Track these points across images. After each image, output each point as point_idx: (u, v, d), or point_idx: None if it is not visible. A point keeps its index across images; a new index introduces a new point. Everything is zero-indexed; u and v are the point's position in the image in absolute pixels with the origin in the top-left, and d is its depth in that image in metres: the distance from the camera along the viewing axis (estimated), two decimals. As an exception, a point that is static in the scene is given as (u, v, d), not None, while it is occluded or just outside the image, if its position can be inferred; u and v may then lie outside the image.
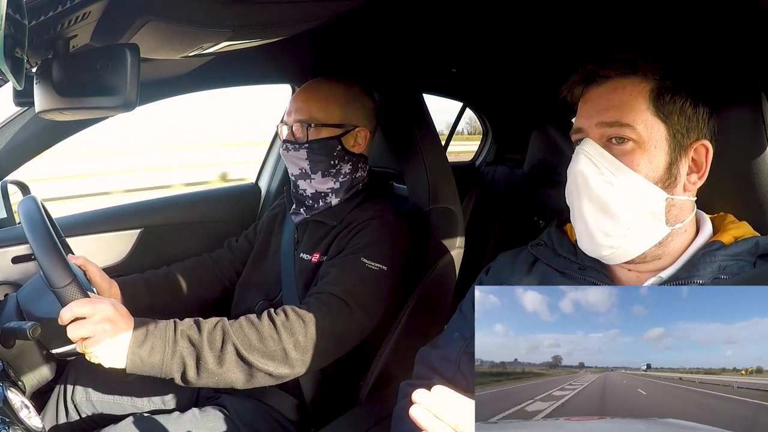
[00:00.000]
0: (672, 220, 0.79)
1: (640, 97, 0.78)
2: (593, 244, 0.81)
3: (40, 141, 1.25)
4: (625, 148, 0.78)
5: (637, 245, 0.79)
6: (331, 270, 1.17)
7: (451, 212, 1.44)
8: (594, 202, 0.79)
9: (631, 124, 0.77)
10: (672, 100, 0.78)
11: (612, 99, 0.79)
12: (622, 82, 0.80)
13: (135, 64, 0.69)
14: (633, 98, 0.78)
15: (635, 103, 0.78)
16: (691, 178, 0.80)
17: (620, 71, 0.80)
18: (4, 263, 1.38)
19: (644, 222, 0.78)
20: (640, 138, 0.77)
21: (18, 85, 0.57)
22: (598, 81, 0.82)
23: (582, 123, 0.82)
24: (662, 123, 0.77)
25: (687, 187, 0.80)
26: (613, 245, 0.79)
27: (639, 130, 0.77)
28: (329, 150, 1.27)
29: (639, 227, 0.78)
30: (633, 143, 0.77)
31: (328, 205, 1.31)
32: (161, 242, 1.67)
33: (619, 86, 0.79)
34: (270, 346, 1.02)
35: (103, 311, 0.92)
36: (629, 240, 0.78)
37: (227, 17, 0.83)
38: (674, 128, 0.78)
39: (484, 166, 3.15)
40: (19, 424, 0.84)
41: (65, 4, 0.61)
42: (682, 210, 0.80)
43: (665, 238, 0.79)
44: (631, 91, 0.78)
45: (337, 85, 1.32)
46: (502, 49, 1.74)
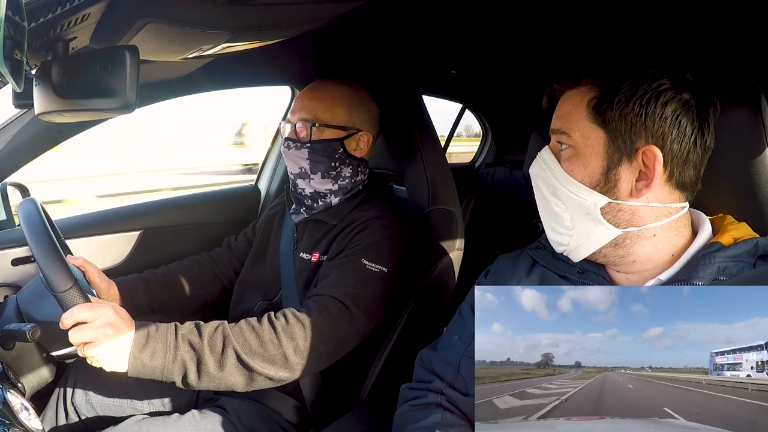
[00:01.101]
0: (623, 224, 0.80)
1: (580, 105, 0.82)
2: (551, 240, 0.88)
3: (39, 143, 1.25)
4: (566, 153, 0.83)
5: (586, 243, 0.83)
6: (331, 271, 1.16)
7: (450, 214, 1.44)
8: (543, 201, 0.87)
9: (567, 131, 0.82)
10: (610, 107, 0.79)
11: (560, 109, 0.86)
12: (570, 93, 0.85)
13: (134, 65, 0.69)
14: (574, 107, 0.83)
15: (575, 112, 0.82)
16: (638, 184, 0.78)
17: (568, 84, 0.85)
18: (4, 265, 1.38)
19: (585, 222, 0.82)
20: (575, 144, 0.82)
21: (17, 87, 0.57)
22: (557, 94, 0.88)
23: (550, 132, 0.89)
24: (601, 129, 0.80)
25: (633, 193, 0.79)
26: (563, 242, 0.85)
27: (574, 137, 0.82)
28: (331, 152, 1.26)
29: (581, 227, 0.82)
30: (571, 149, 0.82)
31: (328, 204, 1.31)
32: (161, 244, 1.67)
33: (567, 97, 0.85)
34: (270, 351, 1.02)
35: (105, 316, 0.92)
36: (576, 238, 0.83)
37: (227, 19, 0.83)
38: (613, 134, 0.79)
39: (483, 167, 3.15)
40: (19, 425, 0.84)
41: (65, 6, 0.61)
42: (636, 215, 0.79)
43: (620, 240, 0.80)
44: (574, 101, 0.83)
45: (344, 87, 1.32)
46: (502, 50, 1.74)
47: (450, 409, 0.89)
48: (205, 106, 37.46)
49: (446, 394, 0.91)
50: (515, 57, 1.82)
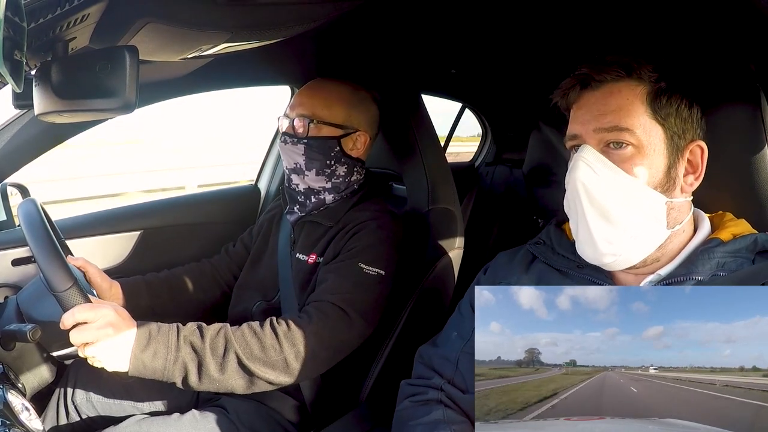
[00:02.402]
0: (672, 223, 0.79)
1: (637, 100, 0.77)
2: (595, 252, 0.80)
3: (39, 143, 1.25)
4: (624, 153, 0.77)
5: (639, 251, 0.78)
6: (329, 276, 1.17)
7: (450, 213, 1.44)
8: (596, 210, 0.78)
9: (629, 128, 0.76)
10: (669, 102, 0.77)
11: (609, 103, 0.78)
12: (617, 86, 0.78)
13: (134, 66, 0.69)
14: (630, 102, 0.77)
15: (633, 107, 0.77)
16: (687, 179, 0.80)
17: (615, 75, 0.79)
18: (4, 266, 1.38)
19: (646, 227, 0.77)
20: (639, 142, 0.76)
21: (17, 87, 0.57)
22: (592, 85, 0.81)
23: (578, 129, 0.81)
24: (660, 126, 0.77)
25: (684, 188, 0.80)
26: (616, 252, 0.78)
27: (638, 134, 0.76)
28: (327, 149, 1.26)
29: (641, 233, 0.77)
30: (632, 148, 0.76)
31: (322, 201, 1.31)
32: (161, 244, 1.67)
33: (615, 90, 0.78)
34: (272, 356, 1.02)
35: (106, 316, 0.92)
36: (633, 246, 0.78)
37: (226, 19, 0.83)
38: (671, 130, 0.77)
39: (483, 166, 3.15)
40: (20, 426, 0.84)
41: (64, 7, 0.61)
42: (680, 211, 0.80)
43: (666, 241, 0.79)
44: (627, 94, 0.77)
45: (343, 86, 1.32)
46: (502, 49, 1.74)
47: (450, 406, 0.89)
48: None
49: (446, 390, 0.91)
50: (515, 56, 1.82)
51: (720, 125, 0.83)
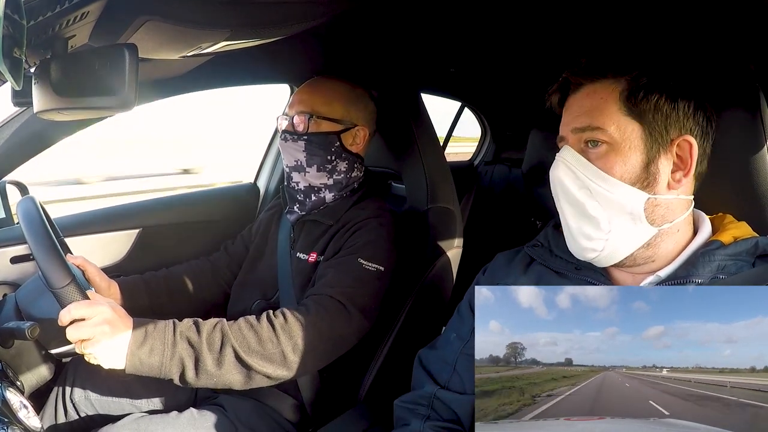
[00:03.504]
0: (658, 220, 0.79)
1: (610, 99, 0.79)
2: (578, 247, 0.83)
3: (38, 141, 1.25)
4: (599, 151, 0.79)
5: (621, 248, 0.79)
6: (328, 271, 1.17)
7: (449, 212, 1.44)
8: (573, 207, 0.81)
9: (601, 126, 0.78)
10: (645, 98, 0.78)
11: (584, 104, 0.81)
12: (593, 87, 0.81)
13: (133, 64, 0.69)
14: (603, 101, 0.79)
15: (606, 106, 0.79)
16: (675, 175, 0.79)
17: (590, 76, 0.82)
18: (3, 263, 1.38)
19: (624, 224, 0.78)
20: (612, 140, 0.78)
21: (16, 85, 0.57)
22: (572, 88, 0.84)
23: (562, 131, 0.84)
24: (636, 122, 0.78)
25: (671, 185, 0.79)
26: (596, 248, 0.80)
27: (610, 132, 0.78)
28: (327, 145, 1.27)
29: (620, 229, 0.78)
30: (606, 146, 0.78)
31: (321, 200, 1.31)
32: (160, 242, 1.67)
33: (590, 91, 0.81)
34: (269, 349, 1.02)
35: (102, 313, 0.92)
36: (612, 243, 0.79)
37: (226, 17, 0.83)
38: (650, 126, 0.78)
39: (482, 165, 3.15)
40: (18, 424, 0.84)
41: (63, 4, 0.61)
42: (669, 209, 0.79)
43: (653, 239, 0.79)
44: (601, 94, 0.80)
45: (341, 83, 1.33)
46: (501, 48, 1.74)
47: (438, 418, 0.90)
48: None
49: (439, 397, 0.91)
50: (514, 55, 1.82)
51: (719, 126, 0.83)
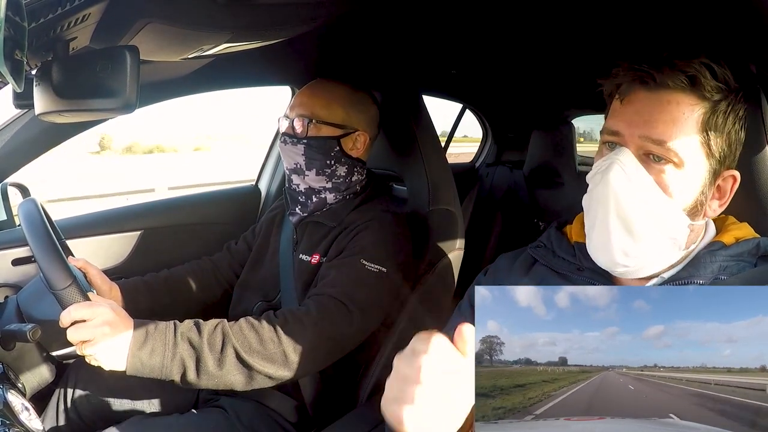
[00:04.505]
0: (688, 244, 0.77)
1: (692, 118, 0.71)
2: (609, 261, 0.77)
3: (39, 143, 1.25)
4: (663, 168, 0.71)
5: (650, 266, 0.77)
6: (331, 271, 1.17)
7: (450, 214, 1.44)
8: (621, 220, 0.74)
9: (677, 149, 0.70)
10: (720, 126, 0.72)
11: (664, 112, 0.71)
12: (677, 96, 0.71)
13: (135, 66, 0.69)
14: (686, 118, 0.70)
15: (686, 125, 0.70)
16: (712, 204, 0.77)
17: (679, 82, 0.70)
18: (4, 265, 1.38)
19: (663, 247, 0.75)
20: (681, 162, 0.71)
21: (18, 87, 0.57)
22: (650, 85, 0.72)
23: (621, 127, 0.75)
24: (704, 149, 0.72)
25: (707, 213, 0.77)
26: (629, 265, 0.76)
27: (682, 154, 0.70)
28: (327, 149, 1.27)
29: (658, 251, 0.75)
30: (673, 166, 0.71)
31: (323, 201, 1.31)
32: (161, 244, 1.67)
33: (673, 99, 0.71)
34: (270, 349, 1.02)
35: (103, 315, 0.93)
36: (645, 261, 0.76)
37: (227, 19, 0.84)
38: (713, 156, 0.73)
39: (483, 167, 3.15)
40: (20, 426, 0.84)
41: (65, 6, 0.61)
42: (697, 233, 0.79)
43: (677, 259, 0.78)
44: (684, 109, 0.71)
45: (342, 86, 1.33)
46: (502, 50, 1.74)
47: None
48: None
49: None
50: (516, 56, 1.82)
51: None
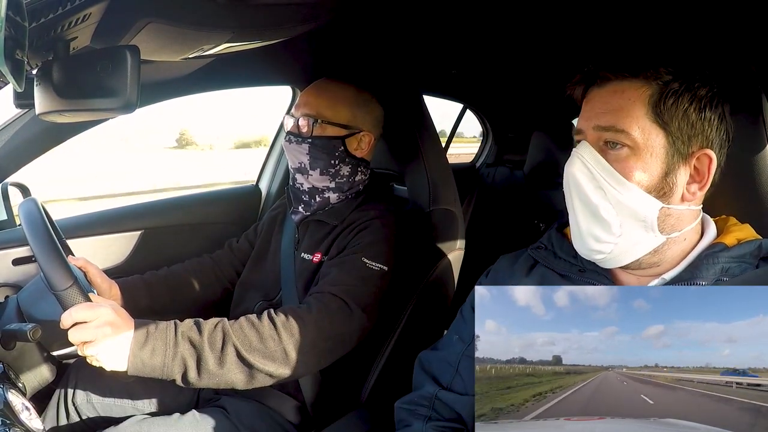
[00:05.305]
0: (668, 230, 0.78)
1: (638, 101, 0.76)
2: (584, 248, 0.81)
3: (40, 143, 1.25)
4: (619, 153, 0.76)
5: (629, 252, 0.78)
6: (332, 270, 1.17)
7: (451, 214, 1.44)
8: (586, 206, 0.79)
9: (626, 129, 0.75)
10: (674, 105, 0.75)
11: (610, 102, 0.77)
12: (621, 86, 0.77)
13: (135, 65, 0.69)
14: (631, 103, 0.76)
15: (633, 108, 0.75)
16: (690, 188, 0.77)
17: (620, 73, 0.78)
18: (5, 265, 1.38)
19: (635, 230, 0.77)
20: (635, 144, 0.75)
21: (18, 87, 0.57)
22: (598, 82, 0.80)
23: (581, 124, 0.81)
24: (661, 129, 0.75)
25: (686, 197, 0.78)
26: (604, 251, 0.79)
27: (634, 137, 0.75)
28: (331, 149, 1.27)
29: (630, 235, 0.77)
30: (628, 149, 0.76)
31: (326, 200, 1.31)
32: (161, 244, 1.67)
33: (618, 89, 0.77)
34: (270, 347, 1.02)
35: (104, 315, 0.93)
36: (621, 247, 0.78)
37: (228, 19, 0.84)
38: (674, 135, 0.75)
39: (484, 167, 3.15)
40: (20, 425, 0.84)
41: (65, 6, 0.61)
42: (680, 220, 0.78)
43: (661, 246, 0.78)
44: (630, 95, 0.76)
45: (348, 87, 1.33)
46: (503, 50, 1.74)
47: (440, 418, 0.90)
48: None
49: (441, 398, 0.91)
50: (516, 57, 1.82)
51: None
